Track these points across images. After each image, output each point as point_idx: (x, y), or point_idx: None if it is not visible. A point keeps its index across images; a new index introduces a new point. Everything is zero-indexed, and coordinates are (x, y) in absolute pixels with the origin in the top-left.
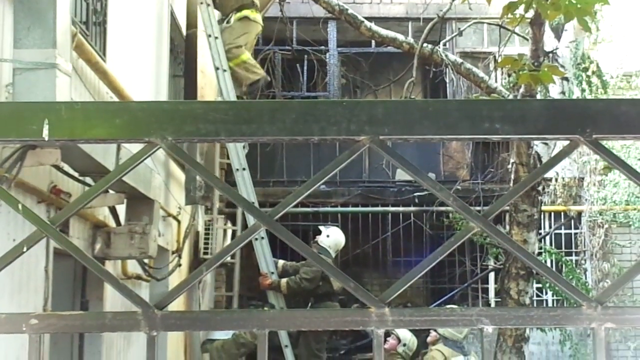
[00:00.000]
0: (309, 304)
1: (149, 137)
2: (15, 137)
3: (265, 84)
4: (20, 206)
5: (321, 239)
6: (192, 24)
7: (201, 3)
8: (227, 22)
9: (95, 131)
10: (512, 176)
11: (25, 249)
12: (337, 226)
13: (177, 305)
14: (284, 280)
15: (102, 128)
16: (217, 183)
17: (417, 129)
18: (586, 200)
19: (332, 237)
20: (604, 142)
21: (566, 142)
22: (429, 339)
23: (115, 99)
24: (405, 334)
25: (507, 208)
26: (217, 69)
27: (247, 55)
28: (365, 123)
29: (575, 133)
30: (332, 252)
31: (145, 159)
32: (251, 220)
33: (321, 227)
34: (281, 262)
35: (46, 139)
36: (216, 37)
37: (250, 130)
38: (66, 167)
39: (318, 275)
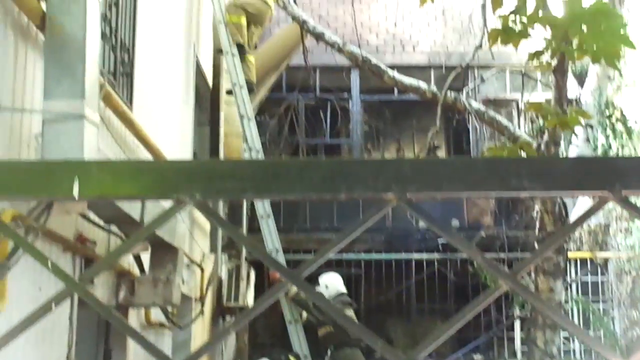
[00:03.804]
0: (329, 351)
1: (177, 194)
2: (45, 194)
3: (242, 50)
4: (49, 263)
5: (321, 292)
6: (217, 73)
7: (226, 53)
8: None
9: (124, 189)
10: (537, 224)
11: (54, 306)
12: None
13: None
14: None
15: (131, 186)
16: (243, 240)
17: (444, 185)
18: (612, 247)
19: (331, 287)
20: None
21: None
22: None
23: (141, 147)
24: None
25: None
26: (242, 117)
27: (244, 22)
28: (392, 180)
29: (604, 189)
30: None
31: (173, 215)
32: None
33: (319, 279)
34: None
35: (76, 197)
36: (241, 86)
37: (278, 187)
38: (92, 215)
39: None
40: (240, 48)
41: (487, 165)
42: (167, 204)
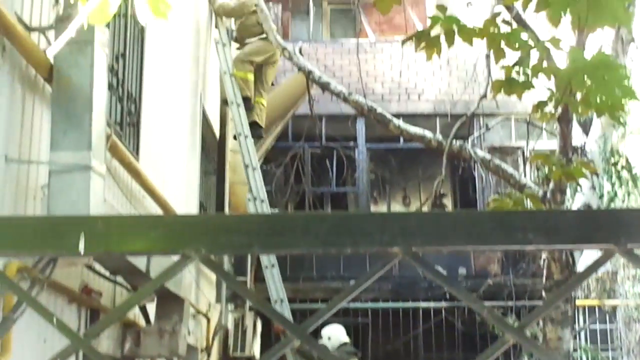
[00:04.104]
0: None
1: (184, 249)
2: (51, 250)
3: (249, 104)
4: (54, 320)
5: (324, 344)
6: (224, 122)
7: (232, 103)
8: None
9: (130, 244)
10: (545, 272)
11: None
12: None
13: None
14: None
15: (137, 241)
16: (249, 295)
17: (449, 239)
18: (620, 294)
19: (333, 338)
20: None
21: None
22: None
23: (148, 197)
24: None
25: (540, 303)
26: (246, 166)
27: (251, 77)
28: (397, 234)
29: (610, 242)
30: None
31: (179, 271)
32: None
33: (322, 331)
34: None
35: (82, 253)
36: (246, 136)
37: (284, 242)
38: (97, 266)
39: None
40: (247, 101)
41: (492, 219)
42: (174, 256)
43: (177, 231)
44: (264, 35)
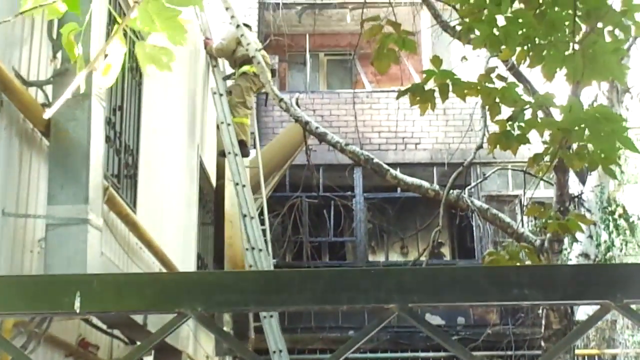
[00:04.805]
0: None
1: (179, 307)
2: (47, 309)
3: (245, 149)
4: None
5: None
6: (221, 174)
7: (229, 153)
8: (234, 78)
9: (126, 302)
10: (543, 321)
11: None
12: None
13: None
14: None
15: (133, 299)
16: (246, 354)
17: (445, 296)
18: (620, 343)
19: None
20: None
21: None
22: None
23: (145, 249)
24: None
25: (539, 353)
26: (244, 216)
27: (247, 121)
28: (393, 291)
29: (606, 298)
30: None
31: (175, 329)
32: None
33: None
34: None
35: (77, 311)
36: (244, 185)
37: (280, 299)
38: (94, 319)
39: None
40: (242, 145)
41: (488, 275)
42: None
43: (173, 289)
44: (242, 70)
